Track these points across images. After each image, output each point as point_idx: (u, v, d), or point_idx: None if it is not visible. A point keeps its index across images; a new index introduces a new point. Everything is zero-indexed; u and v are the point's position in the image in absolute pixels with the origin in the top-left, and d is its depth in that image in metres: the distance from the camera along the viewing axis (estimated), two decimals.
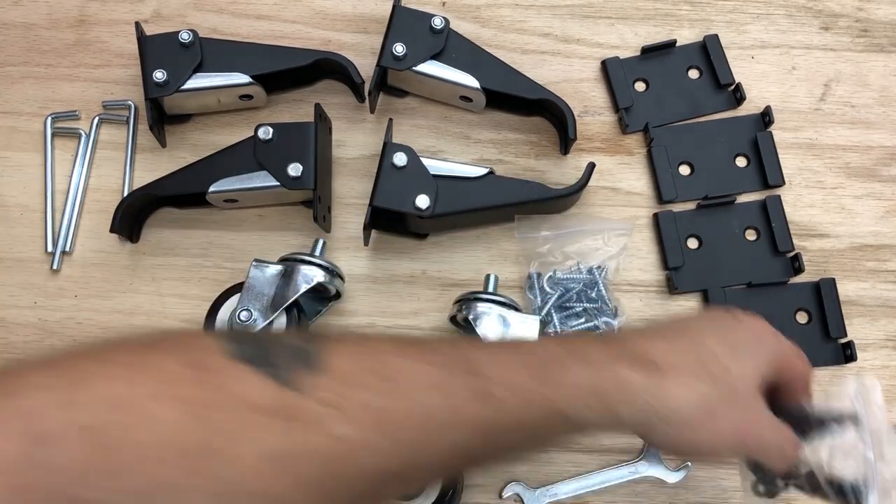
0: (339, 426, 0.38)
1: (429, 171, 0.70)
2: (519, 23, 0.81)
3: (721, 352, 0.49)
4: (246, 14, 0.81)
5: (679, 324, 0.53)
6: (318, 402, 0.38)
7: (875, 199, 0.76)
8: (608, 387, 0.46)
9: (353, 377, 0.40)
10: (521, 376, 0.44)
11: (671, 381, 0.47)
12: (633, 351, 0.48)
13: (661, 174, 0.76)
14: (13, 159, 0.76)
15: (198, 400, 0.36)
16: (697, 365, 0.48)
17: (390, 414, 0.40)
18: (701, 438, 0.48)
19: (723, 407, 0.48)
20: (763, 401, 0.50)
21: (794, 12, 0.81)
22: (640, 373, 0.46)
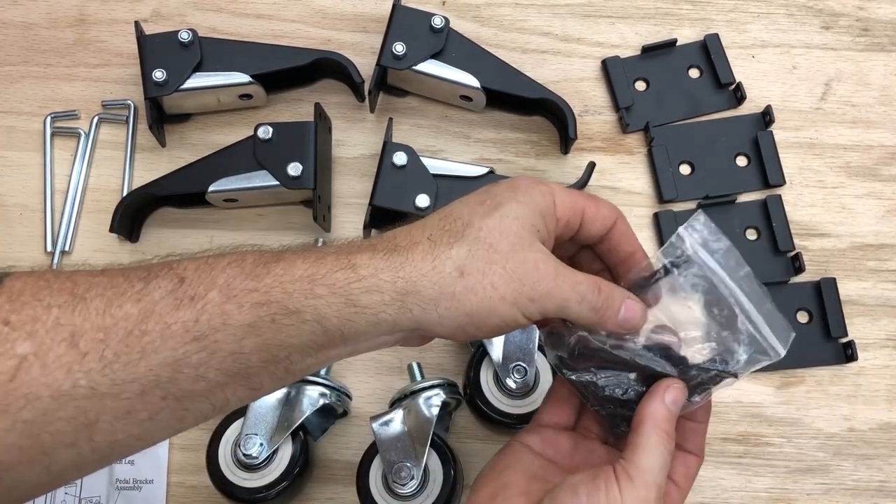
0: (19, 344, 0.37)
1: (429, 170, 0.70)
2: (519, 22, 0.81)
3: (469, 211, 0.45)
4: (245, 13, 0.80)
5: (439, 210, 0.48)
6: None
7: (876, 199, 0.76)
8: (334, 270, 0.42)
9: (35, 296, 0.38)
10: (230, 274, 0.41)
11: (409, 255, 0.43)
12: (367, 244, 0.44)
13: (661, 174, 0.76)
14: (12, 159, 0.76)
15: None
16: (441, 231, 0.44)
17: (84, 330, 0.38)
18: (469, 304, 0.43)
19: (476, 262, 0.43)
20: (539, 247, 0.46)
21: (794, 11, 0.81)
22: (371, 252, 0.43)
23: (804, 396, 0.71)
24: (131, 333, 0.39)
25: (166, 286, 0.40)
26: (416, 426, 0.62)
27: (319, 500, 0.68)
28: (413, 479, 0.61)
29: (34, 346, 0.37)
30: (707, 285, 0.49)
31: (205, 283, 0.40)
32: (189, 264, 0.41)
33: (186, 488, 0.68)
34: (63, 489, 0.67)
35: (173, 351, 0.39)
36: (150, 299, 0.39)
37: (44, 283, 0.39)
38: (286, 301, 0.41)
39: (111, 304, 0.39)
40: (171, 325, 0.39)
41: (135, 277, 0.40)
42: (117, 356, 0.38)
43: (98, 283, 0.40)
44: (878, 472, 0.69)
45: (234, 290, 0.40)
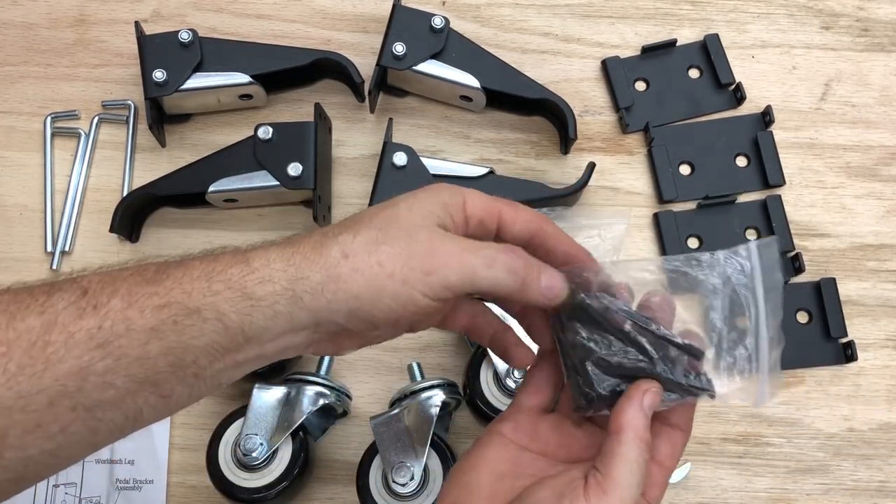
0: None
1: (429, 170, 0.70)
2: (519, 22, 0.81)
3: (367, 211, 0.46)
4: (246, 13, 0.80)
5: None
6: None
7: (876, 199, 0.76)
8: (233, 269, 0.42)
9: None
10: (131, 282, 0.41)
11: (302, 246, 0.43)
12: (271, 240, 0.44)
13: (661, 174, 0.76)
14: (12, 159, 0.76)
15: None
16: (334, 227, 0.44)
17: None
18: (356, 286, 0.42)
19: (363, 244, 0.43)
20: (440, 231, 0.45)
21: (794, 12, 0.81)
22: (270, 249, 0.43)
23: (804, 396, 0.71)
24: (35, 345, 0.38)
25: (69, 297, 0.40)
26: (416, 426, 0.62)
27: (319, 500, 0.68)
28: (413, 479, 0.61)
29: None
30: (742, 304, 0.49)
31: (107, 291, 0.40)
32: (93, 277, 0.41)
33: (186, 488, 0.68)
34: (63, 489, 0.67)
35: (78, 359, 0.39)
36: (52, 310, 0.39)
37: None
38: (186, 301, 0.41)
39: (14, 318, 0.39)
40: (75, 333, 0.39)
41: (38, 291, 0.40)
42: (21, 368, 0.38)
43: (2, 300, 0.40)
44: (877, 473, 0.69)
45: (135, 296, 0.40)
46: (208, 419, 0.68)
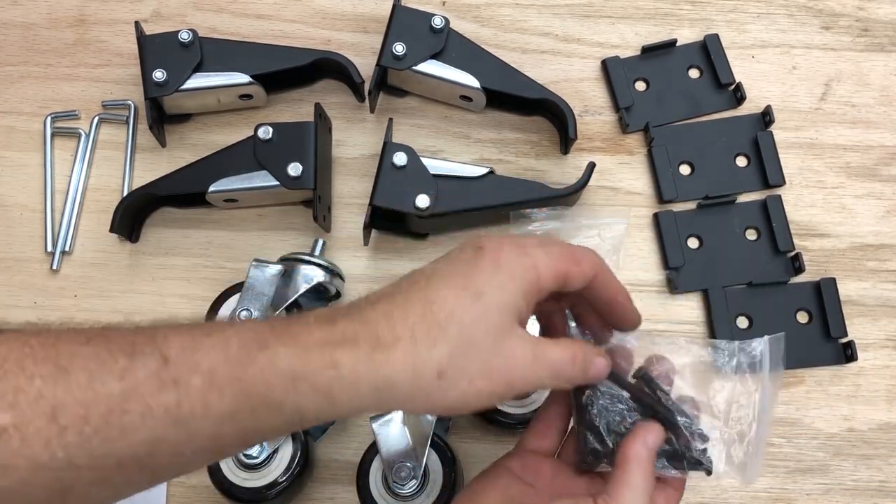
0: (1, 415, 0.37)
1: (429, 170, 0.70)
2: (519, 22, 0.81)
3: (453, 299, 0.44)
4: (246, 14, 0.80)
5: (412, 278, 0.46)
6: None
7: (875, 199, 0.76)
8: (318, 371, 0.42)
9: (19, 363, 0.38)
10: (214, 359, 0.41)
11: (391, 355, 0.42)
12: (349, 326, 0.43)
13: (661, 174, 0.76)
14: (13, 159, 0.76)
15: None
16: (423, 324, 0.43)
17: (65, 405, 0.38)
18: (444, 401, 0.44)
19: (457, 361, 0.43)
20: (519, 332, 0.46)
21: (794, 12, 0.81)
22: (354, 351, 0.42)
23: (804, 396, 0.71)
24: (113, 411, 0.39)
25: (150, 366, 0.40)
26: (416, 426, 0.62)
27: (319, 500, 0.68)
28: (413, 479, 0.61)
29: (15, 418, 0.37)
30: (746, 392, 0.55)
31: (188, 365, 0.40)
32: (174, 340, 0.41)
33: (186, 488, 0.68)
34: None
35: (153, 431, 0.40)
36: (133, 378, 0.40)
37: (28, 351, 0.39)
38: (268, 394, 0.41)
39: (94, 378, 0.39)
40: (154, 407, 0.40)
41: (119, 352, 0.40)
42: (97, 432, 0.39)
43: (82, 354, 0.40)
44: (877, 473, 0.69)
45: (217, 378, 0.41)
46: None
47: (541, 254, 0.47)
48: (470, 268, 0.46)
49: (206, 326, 0.43)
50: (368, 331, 0.43)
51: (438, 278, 0.45)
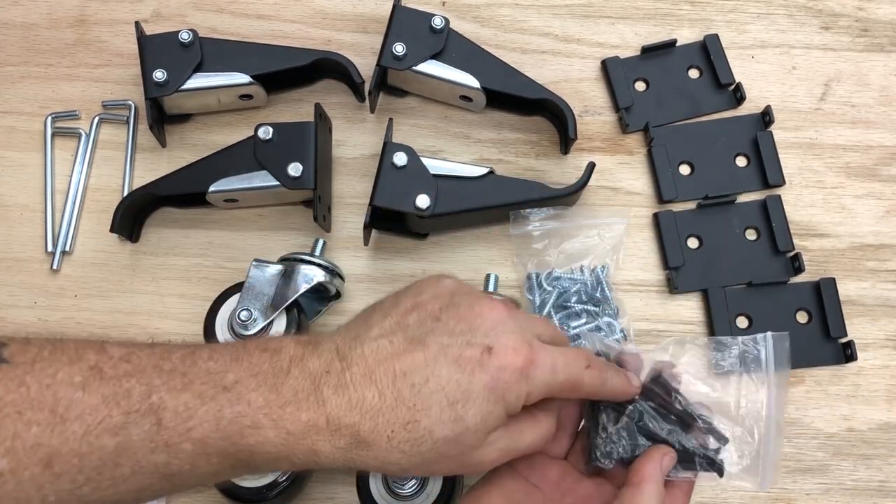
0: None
1: (429, 170, 0.70)
2: (519, 22, 0.81)
3: (436, 412, 0.46)
4: (246, 14, 0.81)
5: (409, 354, 0.47)
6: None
7: (875, 199, 0.76)
8: (299, 454, 0.45)
9: (19, 408, 0.40)
10: (206, 430, 0.43)
11: (366, 452, 0.46)
12: (335, 415, 0.45)
13: (661, 174, 0.76)
14: (13, 159, 0.76)
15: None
16: (403, 433, 0.45)
17: (60, 454, 0.40)
18: (415, 474, 0.50)
19: (423, 468, 0.47)
20: (490, 440, 0.48)
21: (794, 12, 0.81)
22: (335, 445, 0.45)
23: (804, 396, 0.71)
24: (105, 465, 0.41)
25: (144, 427, 0.42)
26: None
27: (319, 499, 0.68)
28: (413, 479, 0.61)
29: (11, 463, 0.39)
30: (753, 389, 0.57)
31: (181, 432, 0.43)
32: (169, 402, 0.43)
33: None
34: None
35: (141, 483, 0.43)
36: (126, 436, 0.42)
37: (25, 393, 0.40)
38: (251, 464, 0.45)
39: (89, 432, 0.41)
40: (144, 465, 0.42)
41: (115, 406, 0.42)
42: (88, 481, 0.41)
43: (79, 402, 0.41)
44: (877, 472, 0.69)
45: (207, 447, 0.44)
46: None
47: (541, 383, 0.48)
48: (465, 379, 0.46)
49: (198, 382, 0.44)
50: (352, 424, 0.45)
51: (433, 383, 0.46)
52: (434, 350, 0.47)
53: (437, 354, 0.46)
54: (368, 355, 0.47)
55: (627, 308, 0.72)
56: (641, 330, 0.72)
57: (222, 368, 0.45)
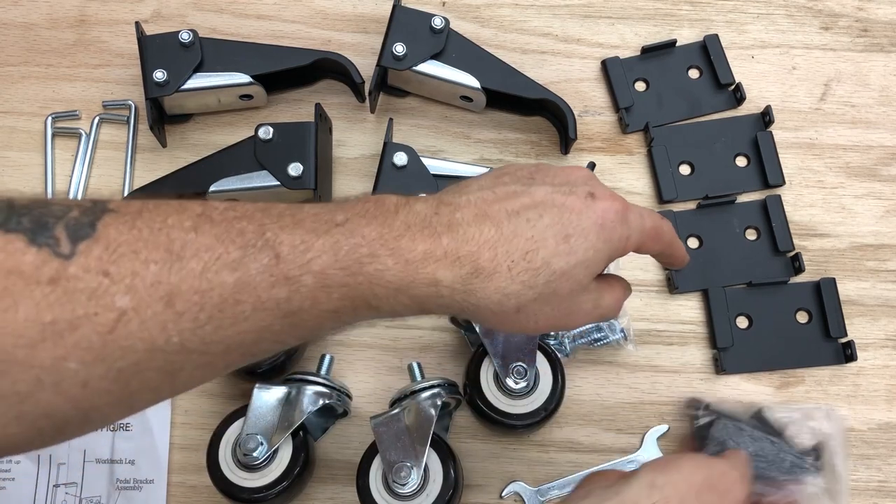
0: (119, 297, 0.38)
1: (429, 170, 0.70)
2: (519, 23, 0.81)
3: (553, 246, 0.47)
4: (246, 14, 0.81)
5: (517, 198, 0.48)
6: (93, 272, 0.37)
7: (875, 199, 0.76)
8: (419, 285, 0.45)
9: (134, 247, 0.39)
10: (325, 262, 0.43)
11: (487, 284, 0.45)
12: (451, 243, 0.45)
13: (661, 174, 0.76)
14: (13, 159, 0.76)
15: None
16: (522, 264, 0.46)
17: (180, 291, 0.39)
18: (506, 326, 0.49)
19: (540, 305, 0.47)
20: (591, 286, 0.50)
21: (794, 12, 0.81)
22: (456, 274, 0.45)
23: (804, 396, 0.71)
24: (226, 301, 0.40)
25: (262, 261, 0.41)
26: (416, 426, 0.62)
27: (320, 499, 0.68)
28: (413, 479, 0.61)
29: (133, 302, 0.38)
30: None
31: (300, 264, 0.42)
32: (284, 238, 0.42)
33: (187, 488, 0.68)
34: (63, 489, 0.68)
35: (261, 321, 0.42)
36: (245, 271, 0.41)
37: (137, 235, 0.39)
38: (371, 299, 0.44)
39: (208, 269, 0.40)
40: (265, 300, 0.41)
41: (230, 244, 0.41)
42: (210, 319, 0.40)
43: (193, 242, 0.40)
44: (877, 472, 0.69)
45: (327, 279, 0.43)
46: (209, 419, 0.68)
47: (637, 228, 0.50)
48: (575, 217, 0.48)
49: (309, 221, 0.44)
50: (470, 254, 0.45)
51: (547, 218, 0.47)
52: (542, 194, 0.48)
53: (545, 197, 0.48)
54: (475, 201, 0.47)
55: (627, 308, 0.72)
56: (641, 330, 0.72)
57: (330, 210, 0.45)
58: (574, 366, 0.70)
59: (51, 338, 0.36)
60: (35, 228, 0.37)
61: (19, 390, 0.36)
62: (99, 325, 0.37)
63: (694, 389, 0.71)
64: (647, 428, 0.69)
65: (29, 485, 0.67)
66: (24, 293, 0.36)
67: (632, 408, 0.70)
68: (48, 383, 0.37)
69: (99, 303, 0.37)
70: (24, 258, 0.36)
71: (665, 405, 0.70)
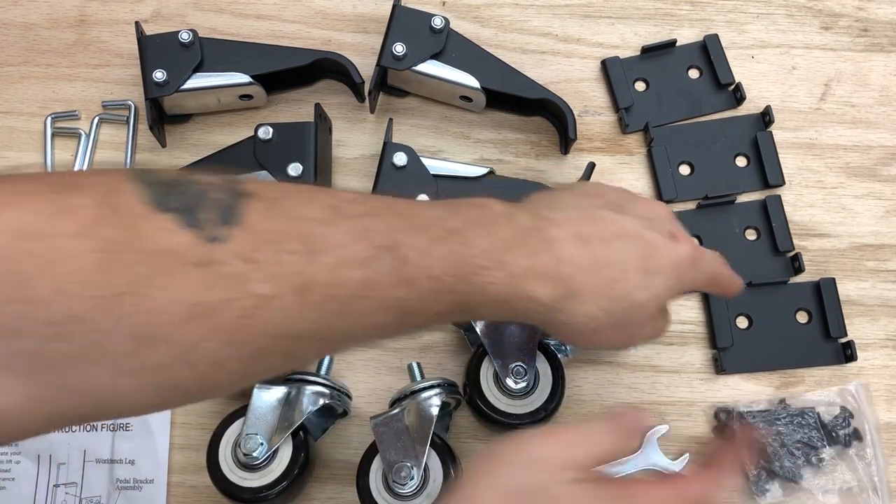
0: (260, 284, 0.39)
1: (429, 170, 0.70)
2: (519, 22, 0.81)
3: (635, 280, 0.50)
4: (246, 14, 0.81)
5: (609, 224, 0.51)
6: (239, 258, 0.39)
7: (875, 199, 0.76)
8: (519, 299, 0.48)
9: (275, 237, 0.41)
10: (442, 269, 0.45)
11: (576, 306, 0.49)
12: (549, 261, 0.48)
13: (661, 174, 0.76)
14: (13, 159, 0.76)
15: (118, 244, 0.36)
16: (607, 294, 0.49)
17: (313, 283, 0.41)
18: (584, 343, 0.56)
19: (612, 329, 0.51)
20: (655, 317, 0.54)
21: (794, 12, 0.81)
22: (552, 293, 0.48)
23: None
24: (352, 297, 0.43)
25: (390, 263, 0.44)
26: (416, 426, 0.62)
27: (320, 499, 0.68)
28: (413, 479, 0.61)
29: (271, 290, 0.40)
30: None
31: (422, 269, 0.44)
32: (410, 242, 0.44)
33: (187, 488, 0.68)
34: (63, 489, 0.68)
35: (381, 318, 0.45)
36: (373, 271, 0.43)
37: (278, 224, 0.41)
38: (475, 307, 0.48)
39: (339, 264, 0.42)
40: (386, 299, 0.44)
41: (360, 242, 0.43)
42: (335, 312, 0.42)
43: (326, 236, 0.42)
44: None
45: (441, 285, 0.45)
46: (208, 419, 0.68)
47: (704, 273, 0.55)
48: (657, 255, 0.52)
49: (429, 225, 0.46)
50: (567, 276, 0.48)
51: (634, 251, 0.51)
52: (631, 226, 0.52)
53: (634, 230, 0.51)
54: (572, 220, 0.50)
55: None
56: None
57: (444, 215, 0.47)
58: (574, 366, 0.70)
59: (195, 318, 0.38)
60: (186, 209, 0.38)
61: (161, 363, 0.38)
62: (238, 310, 0.39)
63: (694, 389, 0.71)
64: (647, 428, 0.69)
65: (29, 485, 0.67)
66: (177, 273, 0.37)
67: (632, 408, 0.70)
68: (186, 360, 0.39)
69: (240, 288, 0.39)
70: (178, 239, 0.38)
71: (665, 405, 0.70)
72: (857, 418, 0.69)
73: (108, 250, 0.36)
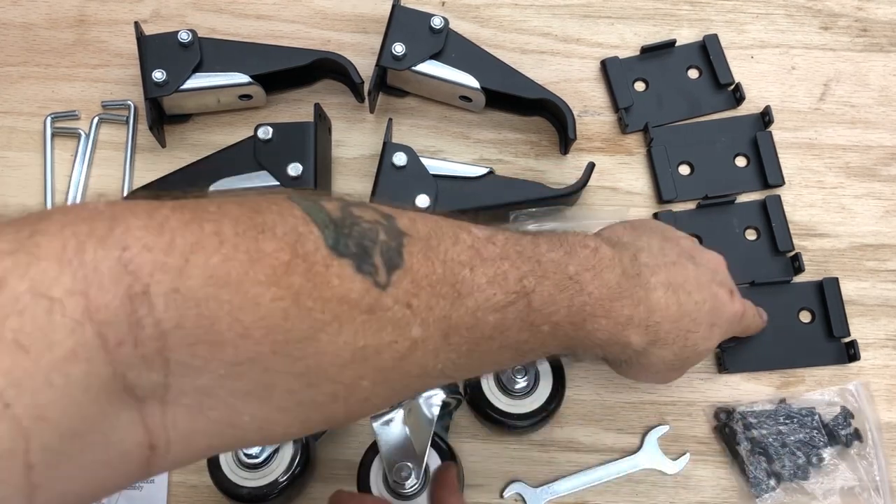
0: (416, 328, 0.41)
1: (429, 170, 0.70)
2: (518, 23, 0.81)
3: (704, 331, 0.56)
4: (245, 14, 0.81)
5: (689, 275, 0.56)
6: (400, 303, 0.41)
7: (875, 199, 0.76)
8: (616, 343, 0.52)
9: (430, 281, 0.42)
10: (561, 316, 0.49)
11: (658, 350, 0.55)
12: (646, 315, 0.53)
13: (660, 174, 0.76)
14: (13, 159, 0.76)
15: (302, 290, 0.37)
16: (681, 338, 0.55)
17: (458, 326, 0.43)
18: (641, 379, 0.63)
19: (671, 371, 0.59)
20: (711, 350, 0.60)
21: (793, 12, 0.81)
22: (643, 339, 0.53)
23: None
24: (483, 339, 0.45)
25: (519, 307, 0.46)
26: (416, 426, 0.62)
27: (320, 499, 0.68)
28: (413, 479, 0.61)
29: (423, 333, 0.42)
30: None
31: (544, 315, 0.48)
32: (536, 287, 0.47)
33: (187, 488, 0.68)
34: None
35: (502, 355, 0.48)
36: (505, 315, 0.46)
37: (432, 269, 0.43)
38: (575, 345, 0.52)
39: (478, 307, 0.44)
40: (512, 341, 0.47)
41: (497, 287, 0.45)
42: (468, 352, 0.45)
43: (469, 281, 0.44)
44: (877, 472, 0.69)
45: (558, 330, 0.49)
46: None
47: (744, 327, 0.64)
48: (721, 310, 0.58)
49: (551, 273, 0.49)
50: (656, 324, 0.54)
51: (706, 305, 0.57)
52: (703, 279, 0.57)
53: (706, 283, 0.57)
54: (661, 265, 0.55)
55: None
56: None
57: (563, 260, 0.50)
58: (574, 365, 0.70)
59: (358, 360, 0.39)
60: (359, 254, 0.40)
61: (317, 401, 0.40)
62: (395, 352, 0.41)
63: (695, 389, 0.71)
64: (648, 428, 0.69)
65: None
66: (348, 319, 0.39)
67: (632, 408, 0.70)
68: (341, 397, 0.40)
69: (400, 332, 0.41)
70: (352, 286, 0.39)
71: (665, 405, 0.70)
72: (857, 418, 0.69)
73: (293, 298, 0.37)
